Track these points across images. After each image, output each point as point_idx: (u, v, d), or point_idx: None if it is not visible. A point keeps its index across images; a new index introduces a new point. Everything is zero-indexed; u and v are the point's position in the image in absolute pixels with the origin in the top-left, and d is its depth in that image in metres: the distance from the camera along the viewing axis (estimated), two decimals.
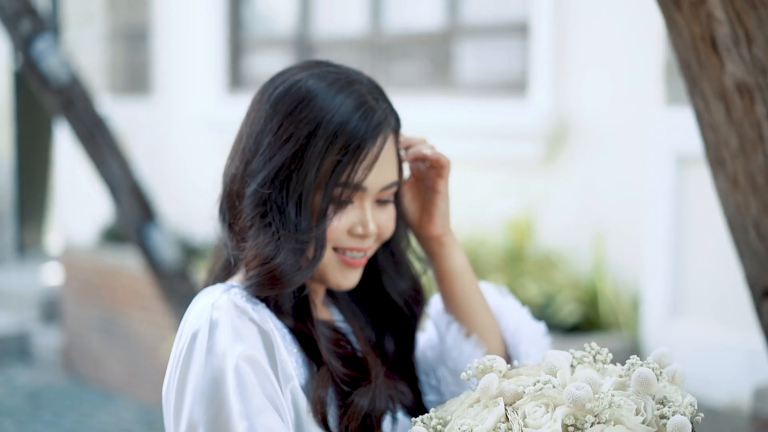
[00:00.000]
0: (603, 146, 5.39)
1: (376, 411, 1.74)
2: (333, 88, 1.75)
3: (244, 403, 1.61)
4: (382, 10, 6.81)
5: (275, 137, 1.74)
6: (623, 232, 5.24)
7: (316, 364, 1.73)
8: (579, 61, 5.53)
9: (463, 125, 6.04)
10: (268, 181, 1.73)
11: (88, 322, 7.97)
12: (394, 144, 1.82)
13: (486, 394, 1.55)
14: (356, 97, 1.76)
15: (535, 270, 5.34)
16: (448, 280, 1.93)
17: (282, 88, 1.77)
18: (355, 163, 1.73)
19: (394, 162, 1.82)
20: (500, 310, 1.99)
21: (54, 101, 4.75)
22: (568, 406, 1.47)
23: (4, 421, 6.91)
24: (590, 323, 5.04)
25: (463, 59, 6.32)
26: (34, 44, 4.59)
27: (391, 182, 1.81)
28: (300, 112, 1.73)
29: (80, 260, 8.10)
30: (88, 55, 8.53)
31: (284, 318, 1.75)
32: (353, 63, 6.96)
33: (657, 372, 1.56)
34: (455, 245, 1.96)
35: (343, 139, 1.72)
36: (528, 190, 5.70)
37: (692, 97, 2.34)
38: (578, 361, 1.61)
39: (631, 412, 1.48)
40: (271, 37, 7.73)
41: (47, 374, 8.15)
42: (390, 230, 1.84)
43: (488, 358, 1.62)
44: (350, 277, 1.81)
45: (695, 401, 1.54)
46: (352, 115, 1.73)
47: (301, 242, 1.72)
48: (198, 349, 1.65)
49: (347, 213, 1.77)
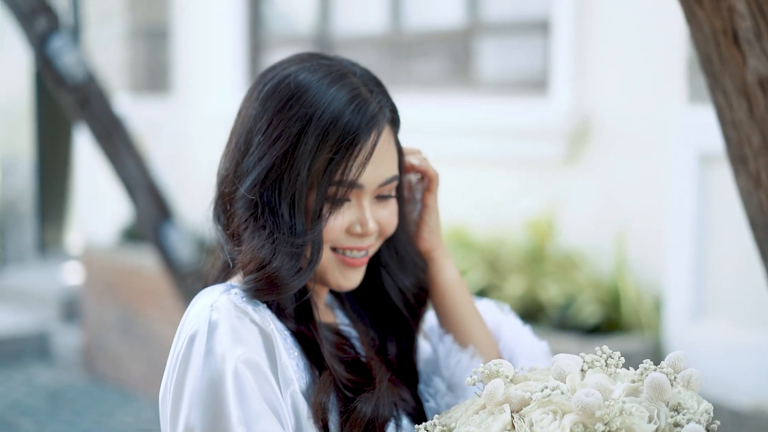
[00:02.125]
0: (625, 145, 5.32)
1: (380, 418, 1.68)
2: (324, 81, 1.69)
3: (242, 409, 1.55)
4: (403, 7, 6.76)
5: (265, 136, 1.67)
6: (645, 232, 5.17)
7: (318, 368, 1.67)
8: (601, 59, 5.46)
9: (483, 124, 5.98)
10: (259, 182, 1.66)
11: (108, 321, 7.96)
12: (392, 136, 1.75)
13: (492, 401, 1.48)
14: (349, 89, 1.69)
15: (556, 270, 5.27)
16: (440, 295, 1.87)
17: (271, 84, 1.71)
18: (348, 160, 1.66)
19: (393, 155, 1.75)
20: (499, 327, 1.92)
21: (70, 99, 4.72)
22: (577, 413, 1.40)
23: (23, 421, 6.91)
24: (612, 324, 4.97)
25: (484, 57, 6.26)
26: (50, 42, 4.57)
27: (389, 177, 1.74)
28: (290, 109, 1.67)
29: (100, 260, 8.09)
30: (108, 53, 8.52)
31: (286, 320, 1.69)
32: (373, 61, 6.93)
33: (671, 377, 1.48)
34: (446, 260, 1.89)
35: (335, 135, 1.65)
36: (549, 189, 5.64)
37: (713, 94, 2.28)
38: (589, 365, 1.54)
39: (644, 420, 1.41)
40: (290, 36, 7.69)
41: (67, 374, 8.14)
42: (392, 226, 1.77)
43: (494, 362, 1.55)
44: (351, 277, 1.75)
45: (711, 408, 1.47)
46: (344, 109, 1.66)
47: (297, 245, 1.65)
48: (196, 351, 1.59)
49: (344, 212, 1.70)
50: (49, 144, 10.38)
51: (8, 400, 7.38)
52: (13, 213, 10.64)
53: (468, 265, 5.44)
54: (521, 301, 5.13)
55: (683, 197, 4.75)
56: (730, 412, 4.39)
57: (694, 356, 4.66)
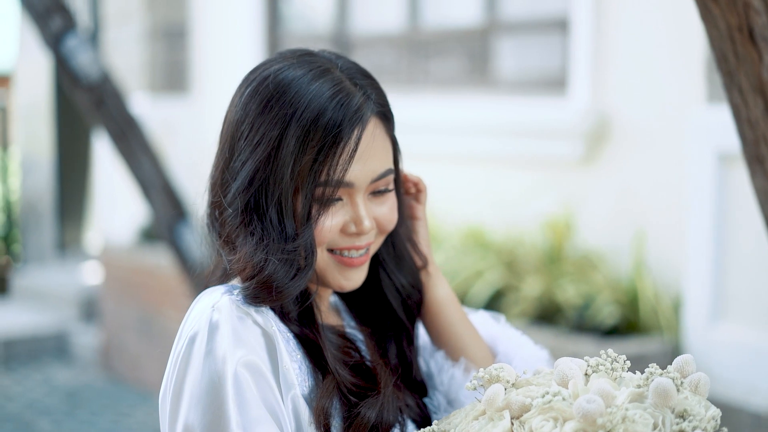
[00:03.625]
0: (643, 144, 5.27)
1: (384, 423, 1.64)
2: (305, 79, 1.64)
3: (241, 413, 1.52)
4: (420, 6, 6.73)
5: (247, 141, 1.63)
6: (664, 232, 5.12)
7: (321, 372, 1.63)
8: (619, 58, 5.41)
9: (501, 123, 5.94)
10: (244, 188, 1.62)
11: (126, 321, 7.96)
12: (382, 129, 1.69)
13: (492, 406, 1.44)
14: (331, 85, 1.64)
15: (574, 271, 5.23)
16: (433, 313, 1.82)
17: (252, 86, 1.67)
18: (333, 159, 1.60)
19: (385, 149, 1.69)
20: (495, 339, 1.87)
21: (85, 99, 4.71)
22: (578, 421, 1.36)
23: (41, 420, 6.92)
24: (630, 326, 4.93)
25: (502, 56, 6.22)
26: (65, 41, 4.56)
27: (382, 172, 1.68)
28: (270, 111, 1.62)
29: (118, 260, 8.10)
30: (126, 54, 8.53)
31: (289, 323, 1.65)
32: (391, 60, 6.90)
33: (677, 382, 1.43)
34: (439, 275, 1.84)
35: (317, 135, 1.60)
36: (567, 188, 5.60)
37: (729, 92, 2.24)
38: (593, 369, 1.49)
39: (648, 428, 1.36)
40: (308, 35, 7.67)
41: (86, 373, 8.15)
42: (392, 222, 1.72)
43: (495, 367, 1.51)
44: (352, 277, 1.70)
45: (719, 414, 1.41)
46: (325, 106, 1.61)
47: (289, 250, 1.61)
48: (197, 351, 1.56)
49: (337, 211, 1.66)
50: (68, 144, 10.41)
51: (26, 399, 7.39)
52: (32, 213, 10.67)
53: (485, 266, 5.41)
54: (538, 302, 5.09)
55: (702, 197, 4.70)
56: (750, 415, 4.34)
57: (714, 358, 4.61)
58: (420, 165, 6.26)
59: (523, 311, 5.08)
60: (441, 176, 6.30)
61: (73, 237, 10.53)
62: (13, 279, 9.87)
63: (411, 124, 6.40)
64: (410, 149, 7.20)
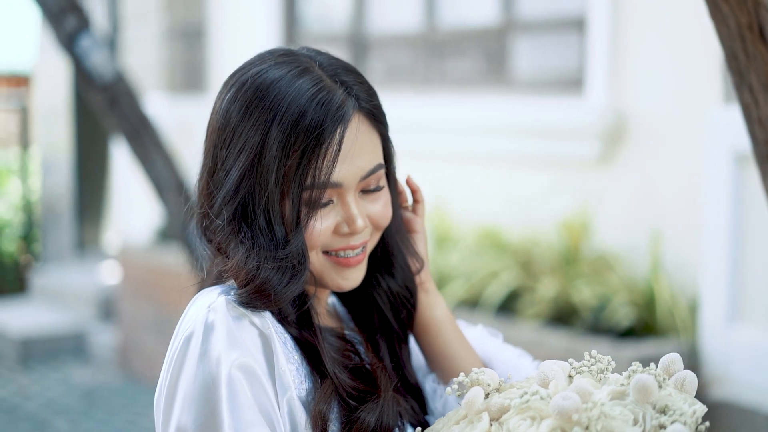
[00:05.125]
0: (661, 144, 5.23)
1: (384, 428, 1.61)
2: (284, 81, 1.60)
3: (233, 416, 1.50)
4: (437, 6, 6.71)
5: (230, 150, 1.60)
6: (681, 233, 5.08)
7: (319, 376, 1.61)
8: (636, 58, 5.38)
9: (517, 123, 5.91)
10: (231, 197, 1.59)
11: (144, 321, 7.97)
12: (368, 124, 1.64)
13: (471, 409, 1.42)
14: (311, 84, 1.60)
15: (589, 272, 5.19)
16: (430, 334, 1.78)
17: (232, 92, 1.64)
18: (317, 161, 1.57)
19: (373, 144, 1.65)
20: (492, 357, 1.84)
21: (99, 99, 4.72)
22: (555, 418, 1.34)
23: (57, 419, 6.93)
24: (646, 327, 4.89)
25: (519, 55, 6.19)
26: (79, 41, 4.56)
27: (371, 169, 1.64)
28: (250, 117, 1.59)
29: (136, 259, 8.11)
30: (144, 53, 8.54)
31: (287, 325, 1.63)
32: (407, 60, 6.88)
33: (660, 379, 1.42)
34: (436, 293, 1.81)
35: (298, 138, 1.56)
36: (584, 189, 5.56)
37: (739, 91, 2.21)
38: (577, 370, 1.48)
39: (628, 423, 1.34)
40: (326, 35, 7.66)
41: (103, 373, 8.17)
42: (386, 218, 1.68)
43: (476, 371, 1.50)
44: (350, 276, 1.67)
45: (704, 410, 1.40)
46: (306, 107, 1.57)
47: (281, 257, 1.58)
48: (191, 352, 1.55)
49: (328, 213, 1.62)
50: (87, 144, 10.45)
51: (43, 398, 7.41)
52: (52, 212, 10.71)
53: (500, 267, 5.38)
54: (554, 303, 5.06)
55: (719, 197, 4.66)
56: (767, 417, 4.30)
57: (730, 360, 4.56)
58: (436, 165, 6.27)
59: (539, 312, 5.05)
60: (457, 176, 6.28)
61: (91, 237, 10.57)
62: (32, 278, 9.92)
63: (427, 123, 6.38)
64: (426, 149, 7.21)
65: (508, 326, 5.00)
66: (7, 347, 8.54)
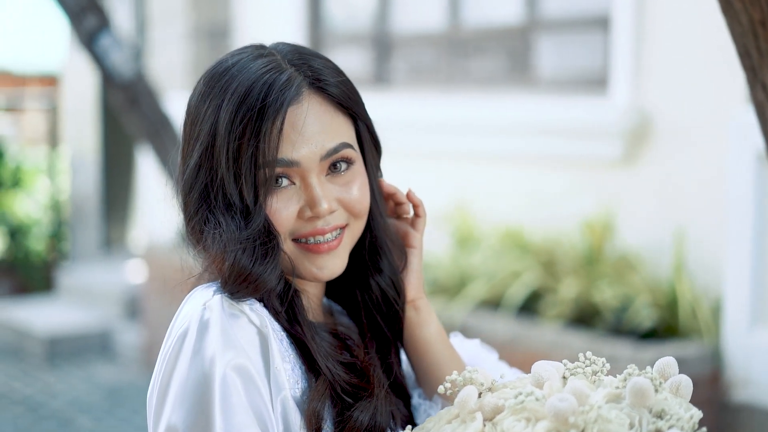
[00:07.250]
0: (684, 144, 5.18)
1: (377, 427, 1.58)
2: (237, 65, 1.59)
3: (225, 418, 1.48)
4: (460, 5, 6.68)
5: (190, 143, 1.60)
6: (704, 234, 5.02)
7: (314, 374, 1.58)
8: (660, 57, 5.33)
9: (541, 122, 5.88)
10: (190, 186, 1.59)
11: (169, 320, 7.89)
12: (325, 103, 1.61)
13: (464, 409, 1.39)
14: (263, 65, 1.58)
15: (612, 272, 5.14)
16: (420, 352, 1.74)
17: (195, 87, 1.64)
18: (264, 138, 1.54)
19: (333, 123, 1.61)
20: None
21: (119, 97, 4.73)
22: (550, 420, 1.31)
23: (81, 417, 6.96)
24: (668, 329, 4.84)
25: (542, 54, 6.15)
26: (99, 40, 4.57)
27: (332, 147, 1.60)
28: (204, 104, 1.59)
29: (162, 258, 8.13)
30: (170, 53, 8.56)
31: (280, 320, 1.60)
32: (431, 59, 6.86)
33: (656, 383, 1.39)
34: (429, 310, 1.76)
35: (245, 115, 1.54)
36: (606, 189, 5.52)
37: (752, 89, 2.18)
38: (571, 372, 1.45)
39: (624, 427, 1.31)
40: (350, 34, 7.65)
41: (128, 371, 8.19)
42: (361, 203, 1.64)
43: (468, 370, 1.47)
44: (324, 265, 1.62)
45: (700, 416, 1.36)
46: (253, 86, 1.55)
47: (244, 237, 1.55)
48: (185, 350, 1.52)
49: (291, 197, 1.59)
50: (114, 144, 10.49)
51: (68, 396, 7.44)
52: (79, 211, 10.76)
53: (522, 267, 5.34)
54: (575, 304, 5.02)
55: (743, 198, 4.60)
56: None
57: (753, 362, 4.51)
58: (458, 164, 6.24)
59: (560, 313, 5.01)
60: (479, 175, 6.24)
61: (118, 235, 10.61)
62: (59, 277, 9.96)
63: (450, 123, 6.36)
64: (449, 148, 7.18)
65: (529, 327, 4.96)
66: (34, 345, 8.59)
